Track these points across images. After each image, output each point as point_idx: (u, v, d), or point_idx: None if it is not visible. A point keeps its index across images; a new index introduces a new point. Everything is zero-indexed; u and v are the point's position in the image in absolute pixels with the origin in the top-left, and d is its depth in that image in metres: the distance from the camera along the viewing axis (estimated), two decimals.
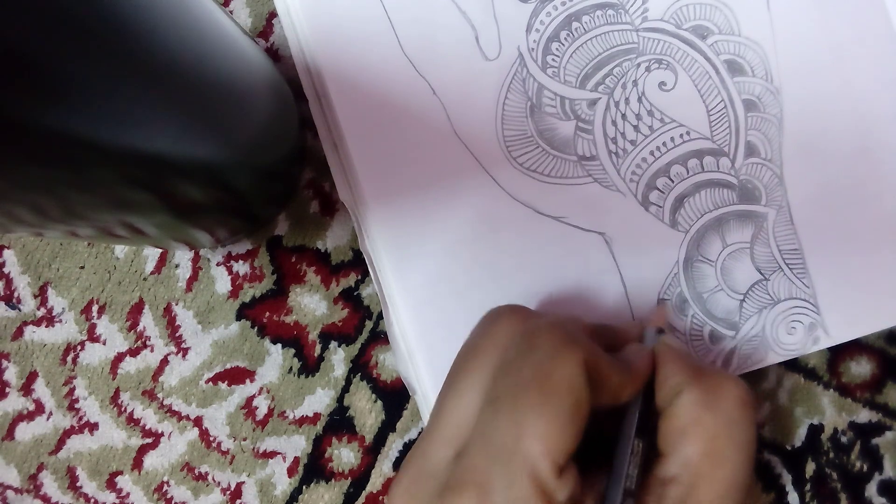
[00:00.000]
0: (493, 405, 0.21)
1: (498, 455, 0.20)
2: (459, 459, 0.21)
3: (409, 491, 0.21)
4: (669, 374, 0.23)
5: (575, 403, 0.20)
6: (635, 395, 0.23)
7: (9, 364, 0.32)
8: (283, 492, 0.31)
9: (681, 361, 0.24)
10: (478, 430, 0.21)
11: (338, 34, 0.29)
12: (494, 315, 0.24)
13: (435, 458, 0.21)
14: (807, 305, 0.29)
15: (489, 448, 0.20)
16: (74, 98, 0.15)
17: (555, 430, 0.20)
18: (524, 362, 0.21)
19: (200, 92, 0.21)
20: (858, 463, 0.30)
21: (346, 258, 0.31)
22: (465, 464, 0.20)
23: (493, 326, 0.23)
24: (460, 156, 0.29)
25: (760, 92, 0.29)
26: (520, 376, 0.21)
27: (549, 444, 0.19)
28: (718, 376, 0.23)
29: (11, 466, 0.32)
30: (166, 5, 0.19)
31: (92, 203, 0.19)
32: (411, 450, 0.23)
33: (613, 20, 0.29)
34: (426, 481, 0.21)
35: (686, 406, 0.22)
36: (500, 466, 0.20)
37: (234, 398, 0.31)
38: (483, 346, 0.23)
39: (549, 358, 0.21)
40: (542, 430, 0.20)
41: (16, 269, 0.31)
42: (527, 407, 0.20)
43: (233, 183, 0.25)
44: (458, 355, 0.24)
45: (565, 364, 0.20)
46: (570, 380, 0.20)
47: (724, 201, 0.29)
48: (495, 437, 0.20)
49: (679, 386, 0.23)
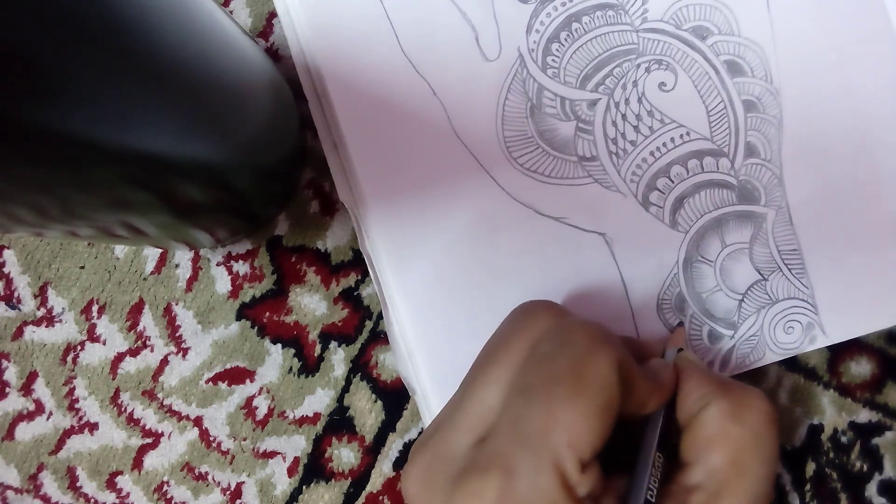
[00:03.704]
0: (525, 393, 0.21)
1: (526, 441, 0.20)
2: (484, 444, 0.21)
3: (426, 474, 0.22)
4: (695, 387, 0.24)
5: (606, 401, 0.20)
6: (660, 406, 0.24)
7: (9, 364, 0.32)
8: (283, 492, 0.31)
9: (705, 375, 0.24)
10: (507, 416, 0.21)
11: (338, 34, 0.29)
12: (528, 309, 0.24)
13: (456, 443, 0.21)
14: (805, 305, 0.29)
15: (518, 434, 0.20)
16: (74, 98, 0.15)
17: (584, 424, 0.20)
18: (560, 355, 0.21)
19: (200, 92, 0.21)
20: (858, 463, 0.30)
21: (346, 258, 0.31)
22: (491, 447, 0.20)
23: (526, 320, 0.23)
24: (460, 156, 0.29)
25: (760, 93, 0.29)
26: (554, 368, 0.21)
27: (577, 437, 0.20)
28: (745, 390, 0.23)
29: (11, 466, 0.32)
30: (166, 5, 0.19)
31: (92, 203, 0.19)
32: (425, 434, 0.23)
33: (613, 21, 0.29)
34: (445, 464, 0.21)
35: (714, 417, 0.23)
36: (527, 452, 0.20)
37: (234, 398, 0.31)
38: (514, 339, 0.23)
39: (584, 354, 0.21)
40: (571, 423, 0.20)
41: (16, 269, 0.31)
42: (559, 398, 0.20)
43: (233, 183, 0.25)
44: (485, 346, 0.24)
45: (600, 361, 0.21)
46: (604, 377, 0.20)
47: (723, 202, 0.29)
48: (525, 424, 0.20)
49: (706, 398, 0.23)
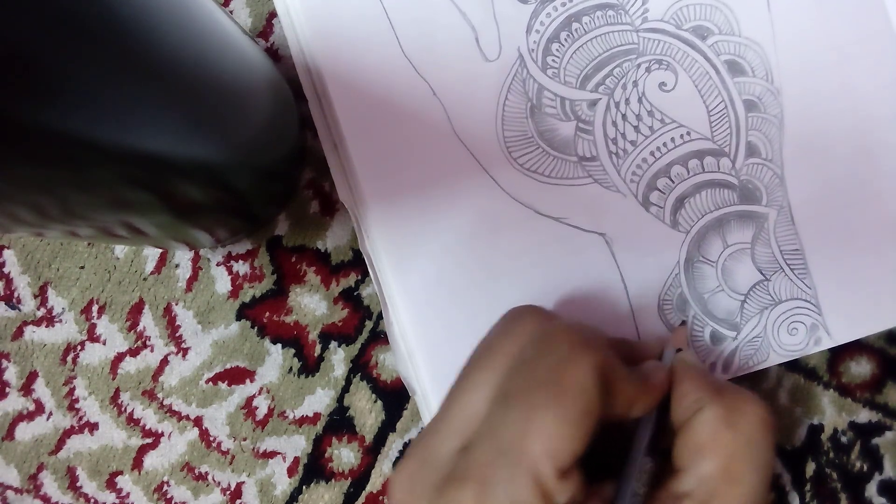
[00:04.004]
0: (504, 401, 0.21)
1: (502, 451, 0.20)
2: (465, 453, 0.21)
3: (411, 480, 0.21)
4: (689, 390, 0.23)
5: (584, 408, 0.20)
6: (649, 409, 0.23)
7: (9, 364, 0.32)
8: (283, 492, 0.31)
9: (701, 378, 0.24)
10: (486, 425, 0.21)
11: (338, 35, 0.29)
12: (515, 314, 0.24)
13: (441, 449, 0.21)
14: (808, 306, 0.29)
15: (495, 443, 0.20)
16: (74, 98, 0.15)
17: (561, 431, 0.20)
18: (539, 362, 0.21)
19: (200, 92, 0.21)
20: (858, 463, 0.30)
21: (346, 258, 0.31)
22: (469, 457, 0.20)
23: (512, 325, 0.23)
24: (460, 156, 0.29)
25: (761, 92, 0.29)
26: (533, 375, 0.21)
27: (554, 444, 0.19)
28: (740, 395, 0.23)
29: (11, 466, 0.32)
30: (166, 5, 0.19)
31: (92, 203, 0.19)
32: (415, 440, 0.23)
33: (613, 21, 0.29)
34: (429, 472, 0.21)
35: (706, 422, 0.22)
36: (503, 462, 0.20)
37: (234, 398, 0.31)
38: (500, 344, 0.23)
39: (563, 360, 0.21)
40: (548, 431, 0.20)
41: (16, 269, 0.31)
42: (536, 406, 0.20)
43: (233, 183, 0.25)
44: (474, 351, 0.24)
45: (579, 367, 0.21)
46: (582, 383, 0.20)
47: (724, 202, 0.29)
48: (502, 433, 0.20)
49: (699, 402, 0.23)
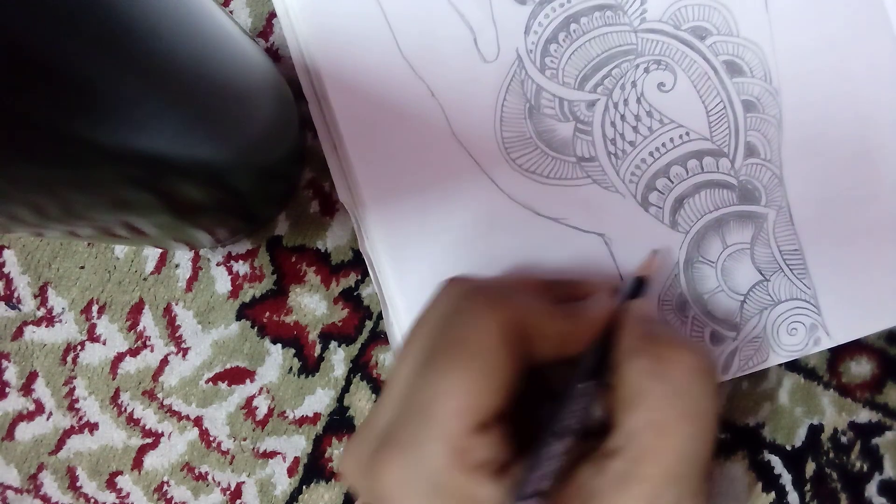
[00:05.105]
0: (422, 367, 0.21)
1: (416, 414, 0.21)
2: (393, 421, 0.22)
3: (354, 452, 0.22)
4: (622, 338, 0.23)
5: (491, 363, 0.21)
6: (583, 346, 0.23)
7: (9, 364, 0.32)
8: (283, 492, 0.31)
9: (638, 326, 0.23)
10: (408, 391, 0.21)
11: (336, 35, 0.29)
12: (442, 284, 0.24)
13: (378, 422, 0.22)
14: (807, 306, 0.29)
15: (411, 408, 0.21)
16: (74, 98, 0.15)
17: (468, 388, 0.20)
18: (450, 325, 0.22)
19: (201, 92, 0.21)
20: (858, 463, 0.30)
21: (346, 258, 0.31)
22: (395, 424, 0.21)
23: (437, 295, 0.24)
24: (459, 157, 0.29)
25: (759, 93, 0.29)
26: (445, 339, 0.21)
27: (463, 402, 0.20)
28: (671, 344, 0.22)
29: (11, 466, 0.32)
30: (166, 5, 0.19)
31: (92, 203, 0.19)
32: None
33: (612, 21, 0.29)
34: (367, 444, 0.22)
35: (633, 374, 0.21)
36: (417, 424, 0.20)
37: (234, 398, 0.31)
38: (425, 315, 0.23)
39: (466, 322, 0.21)
40: (456, 390, 0.20)
41: (16, 269, 0.31)
42: (444, 368, 0.21)
43: (233, 183, 0.25)
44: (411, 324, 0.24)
45: (481, 327, 0.21)
46: (485, 342, 0.21)
47: (723, 202, 0.29)
48: (416, 398, 0.21)
49: (629, 353, 0.22)
